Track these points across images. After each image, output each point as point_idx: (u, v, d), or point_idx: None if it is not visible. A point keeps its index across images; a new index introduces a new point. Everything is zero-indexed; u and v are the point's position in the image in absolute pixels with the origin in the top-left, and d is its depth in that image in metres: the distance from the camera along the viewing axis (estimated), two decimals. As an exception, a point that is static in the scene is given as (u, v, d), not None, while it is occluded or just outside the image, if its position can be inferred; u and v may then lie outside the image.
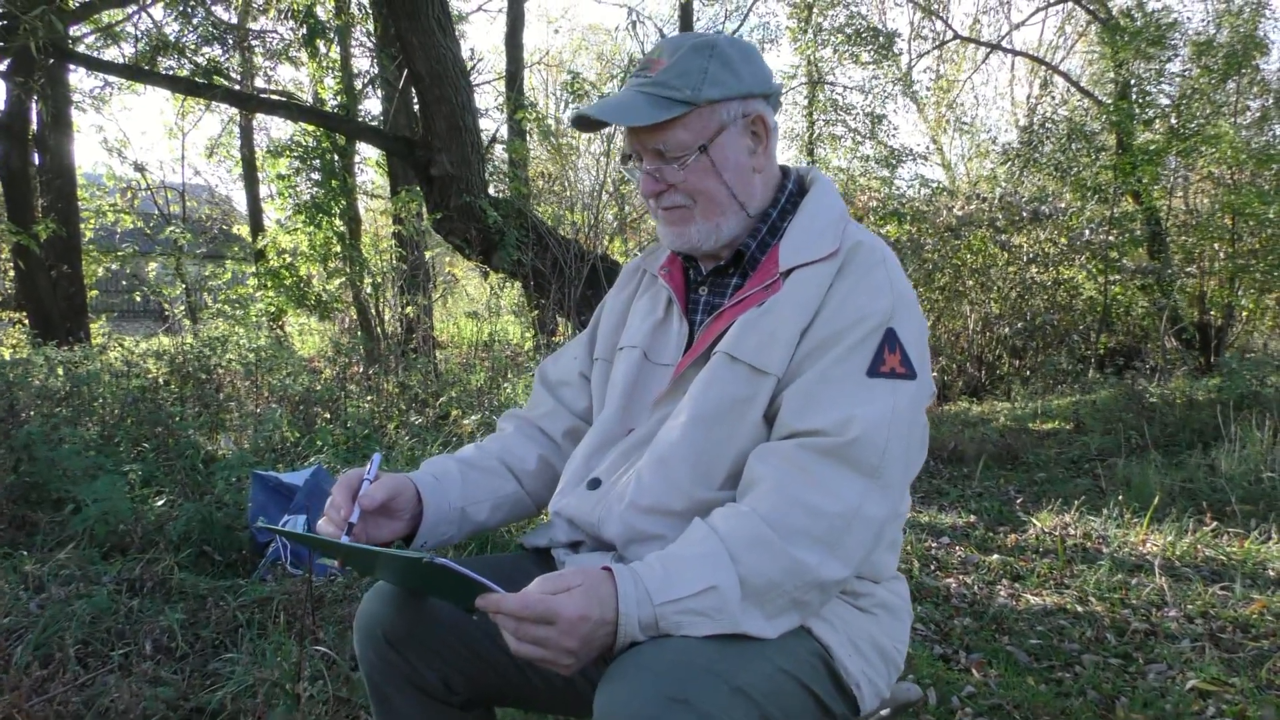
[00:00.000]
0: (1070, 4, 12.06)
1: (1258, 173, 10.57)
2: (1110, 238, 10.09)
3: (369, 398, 6.63)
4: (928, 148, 12.89)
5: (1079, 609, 3.21)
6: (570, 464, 1.52)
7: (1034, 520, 4.30)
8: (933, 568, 3.70)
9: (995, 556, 3.80)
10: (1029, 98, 15.52)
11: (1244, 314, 11.11)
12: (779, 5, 12.89)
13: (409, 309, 8.68)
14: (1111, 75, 11.30)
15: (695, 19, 13.42)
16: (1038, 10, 13.01)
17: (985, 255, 10.07)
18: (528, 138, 9.84)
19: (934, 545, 4.00)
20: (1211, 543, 3.83)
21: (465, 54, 8.10)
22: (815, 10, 12.56)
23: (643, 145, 1.40)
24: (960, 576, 3.58)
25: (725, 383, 1.35)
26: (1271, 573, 3.49)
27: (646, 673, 1.10)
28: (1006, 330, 9.93)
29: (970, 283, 10.08)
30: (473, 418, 5.93)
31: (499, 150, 10.07)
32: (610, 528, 1.37)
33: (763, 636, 1.20)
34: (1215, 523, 3.98)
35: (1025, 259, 10.07)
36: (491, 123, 11.05)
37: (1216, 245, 10.65)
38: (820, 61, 12.64)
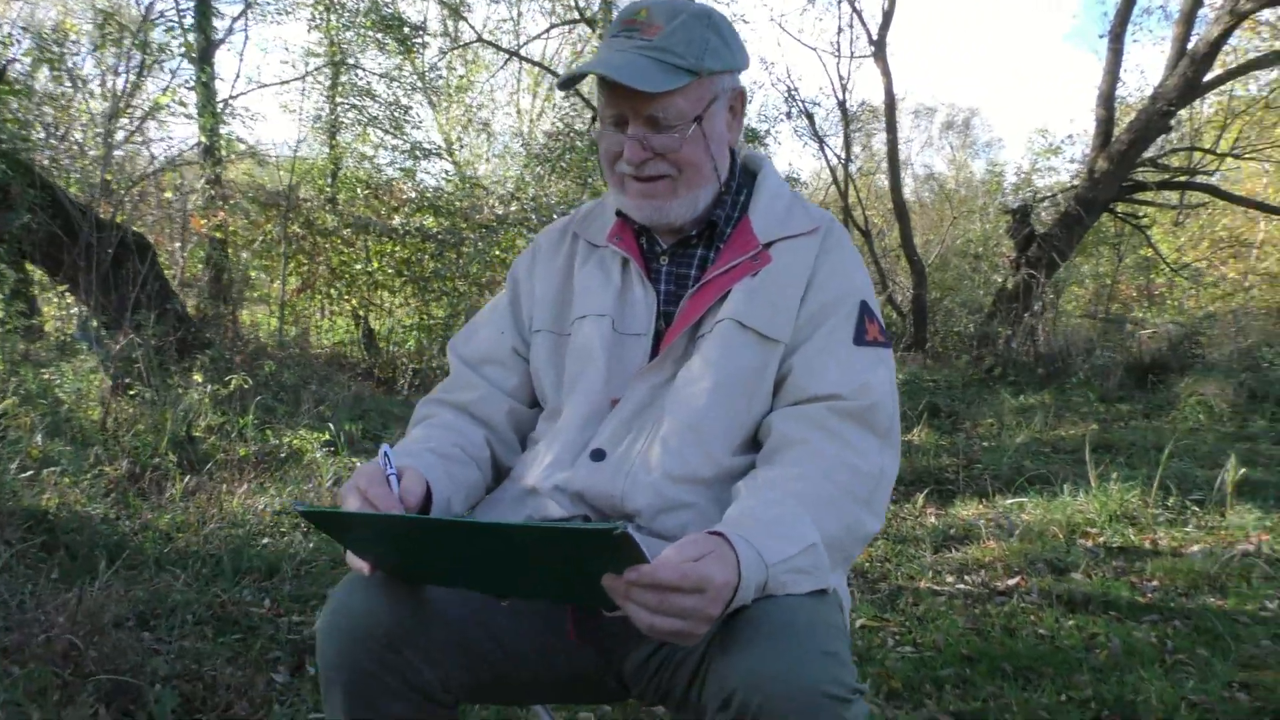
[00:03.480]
0: (582, 25, 13.08)
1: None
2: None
3: None
4: (452, 145, 13.15)
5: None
6: (557, 437, 1.44)
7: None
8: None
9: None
10: (536, 108, 16.51)
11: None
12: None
13: None
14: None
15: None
16: (552, 26, 13.91)
17: (517, 252, 10.56)
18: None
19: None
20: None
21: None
22: (339, -10, 12.17)
23: (636, 111, 1.37)
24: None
25: (740, 350, 1.38)
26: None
27: (794, 631, 1.12)
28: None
29: (500, 278, 10.52)
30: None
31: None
32: (638, 498, 1.34)
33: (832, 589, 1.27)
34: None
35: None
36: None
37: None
38: (344, 44, 12.26)
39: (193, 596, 2.84)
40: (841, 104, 11.99)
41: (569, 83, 1.47)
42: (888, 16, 12.40)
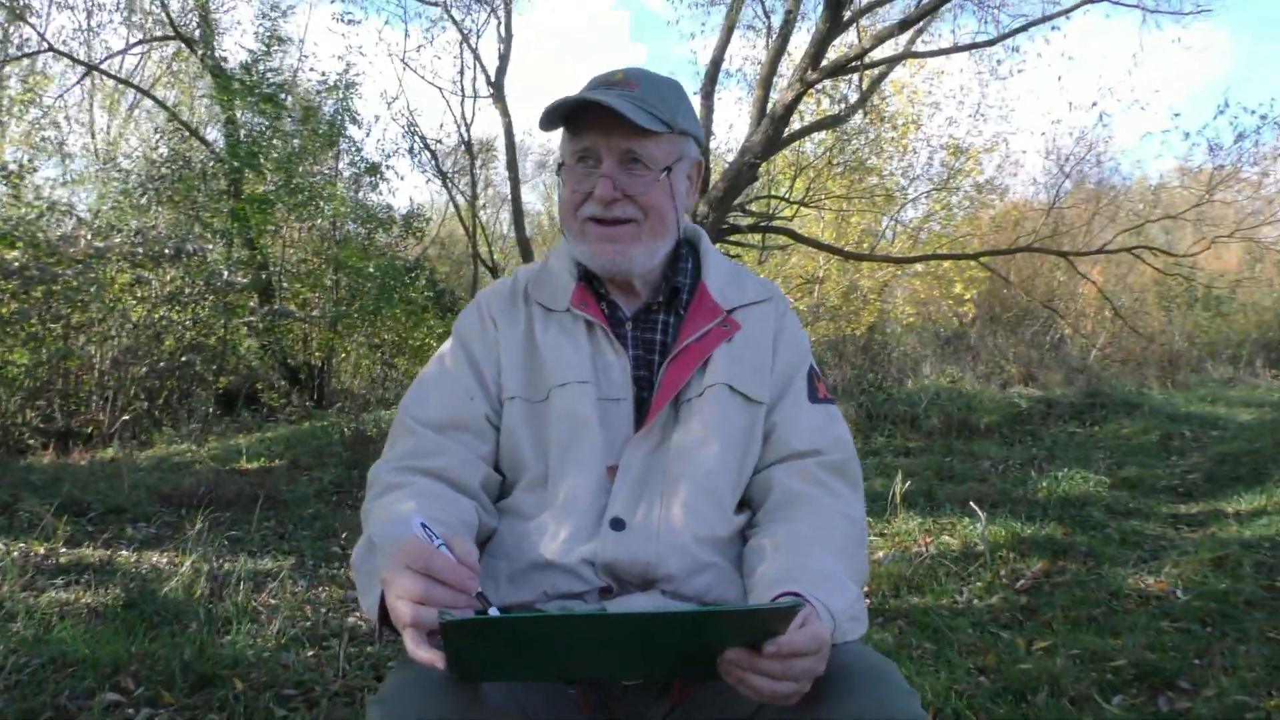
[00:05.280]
0: (178, 42, 11.96)
1: (357, 229, 12.03)
2: (240, 278, 10.35)
3: None
4: (10, 165, 11.30)
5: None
6: (568, 508, 1.41)
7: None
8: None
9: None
10: (114, 129, 14.81)
11: (342, 355, 12.46)
12: None
13: None
14: (224, 121, 11.61)
15: None
16: (142, 41, 12.53)
17: (116, 289, 9.40)
18: None
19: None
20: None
21: None
22: None
23: (610, 146, 1.42)
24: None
25: (733, 413, 1.46)
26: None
27: (880, 675, 1.21)
28: (143, 370, 9.42)
29: (100, 318, 9.29)
30: None
31: None
32: (671, 563, 1.37)
33: None
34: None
35: (159, 297, 9.70)
36: None
37: (319, 292, 11.76)
38: None
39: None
40: (467, 143, 12.10)
41: (553, 118, 1.43)
42: (504, 59, 12.74)
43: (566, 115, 1.43)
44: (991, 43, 11.65)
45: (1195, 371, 13.11)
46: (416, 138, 12.11)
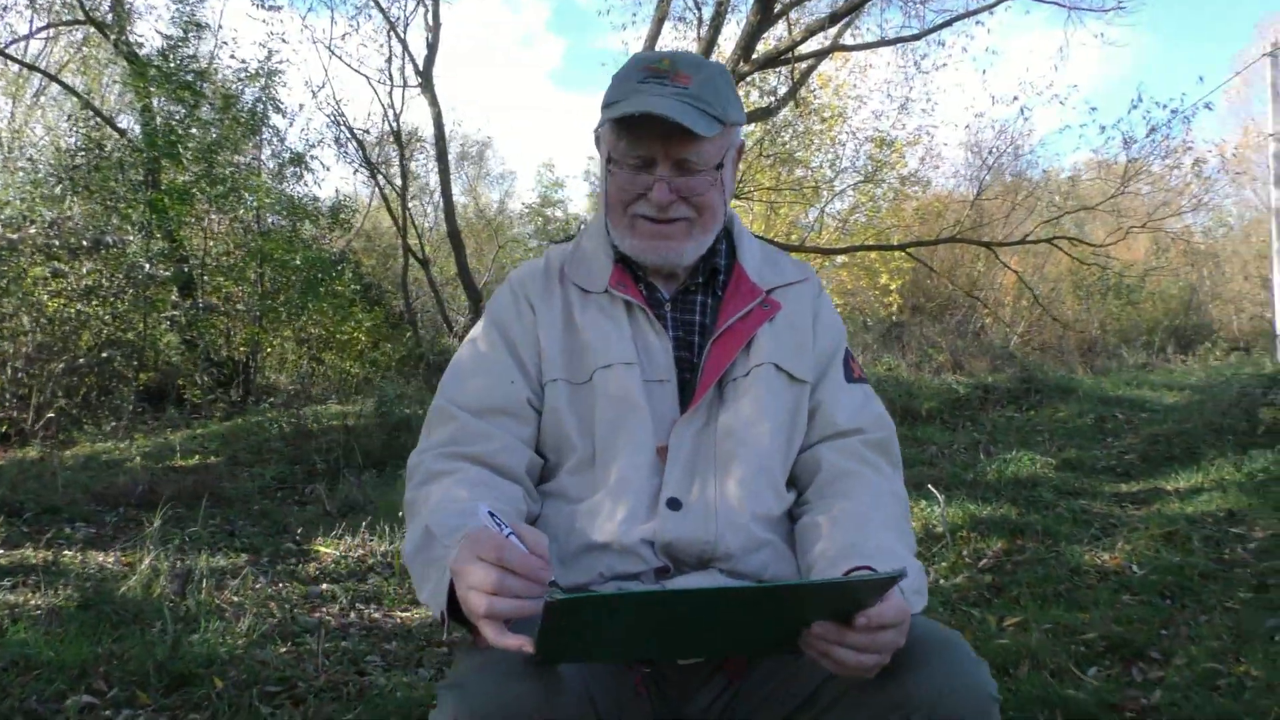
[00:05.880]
0: (88, 27, 11.48)
1: (281, 220, 11.69)
2: (161, 271, 9.99)
3: None
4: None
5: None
6: (622, 489, 1.38)
7: (318, 548, 4.32)
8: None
9: (340, 585, 3.77)
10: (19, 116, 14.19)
11: (268, 350, 12.12)
12: None
13: None
14: (139, 108, 11.17)
15: None
16: (50, 25, 11.99)
17: (29, 283, 8.98)
18: None
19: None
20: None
21: None
22: None
23: (667, 154, 1.40)
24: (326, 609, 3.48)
25: (780, 392, 1.46)
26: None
27: (953, 645, 1.20)
28: (60, 367, 9.02)
29: (12, 313, 8.86)
30: None
31: None
32: (731, 541, 1.36)
33: None
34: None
35: (75, 291, 9.30)
36: None
37: (242, 286, 11.41)
38: None
39: None
40: (396, 133, 11.87)
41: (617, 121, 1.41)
42: (432, 49, 12.54)
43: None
44: (916, 37, 11.87)
45: (1112, 358, 13.56)
46: (343, 127, 11.83)
